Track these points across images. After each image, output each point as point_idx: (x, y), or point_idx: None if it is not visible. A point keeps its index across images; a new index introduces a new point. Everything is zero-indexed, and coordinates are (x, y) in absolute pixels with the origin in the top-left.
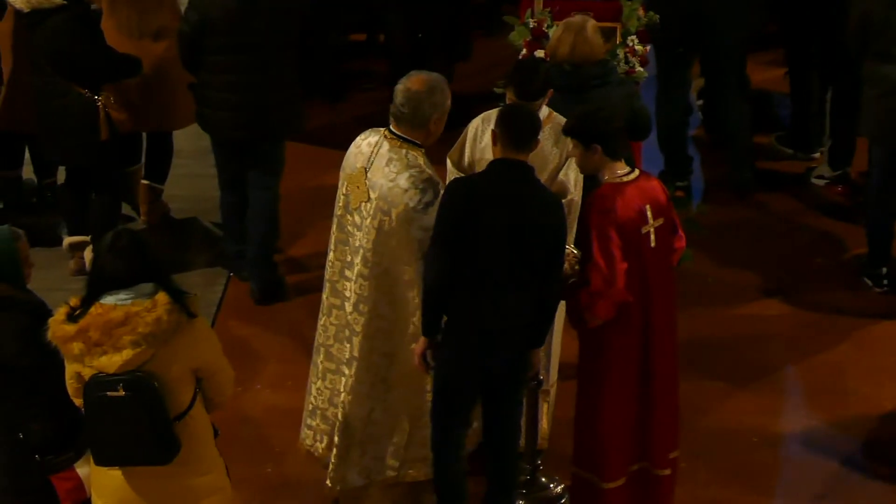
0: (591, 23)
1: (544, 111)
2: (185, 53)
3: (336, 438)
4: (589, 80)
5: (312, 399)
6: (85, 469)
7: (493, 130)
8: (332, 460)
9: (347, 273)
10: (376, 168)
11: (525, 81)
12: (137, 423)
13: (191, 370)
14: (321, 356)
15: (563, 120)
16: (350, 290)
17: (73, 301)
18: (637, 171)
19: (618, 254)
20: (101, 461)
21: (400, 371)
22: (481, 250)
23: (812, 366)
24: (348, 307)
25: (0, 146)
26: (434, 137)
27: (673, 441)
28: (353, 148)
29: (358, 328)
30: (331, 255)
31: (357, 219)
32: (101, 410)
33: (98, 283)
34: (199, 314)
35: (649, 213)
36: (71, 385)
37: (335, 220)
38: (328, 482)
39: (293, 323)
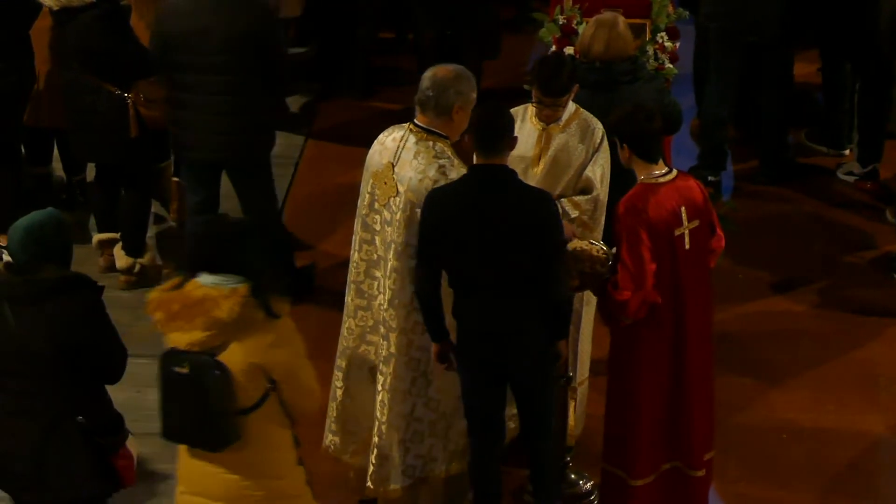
0: (622, 19)
1: (571, 107)
2: (155, 68)
3: (375, 439)
4: (619, 77)
5: (338, 404)
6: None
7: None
8: (373, 461)
9: (375, 272)
10: (404, 162)
11: (549, 78)
12: (197, 403)
13: (260, 369)
14: (347, 359)
15: (589, 116)
16: (377, 288)
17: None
18: (675, 172)
19: (647, 255)
20: (164, 434)
21: (437, 364)
22: (466, 258)
23: (842, 362)
24: (383, 304)
25: (29, 143)
26: (457, 131)
27: (708, 442)
28: (376, 145)
29: (394, 324)
30: (355, 256)
31: (387, 214)
32: (168, 384)
33: (193, 261)
34: (285, 317)
35: (684, 215)
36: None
37: (359, 219)
38: (369, 484)
39: (321, 320)
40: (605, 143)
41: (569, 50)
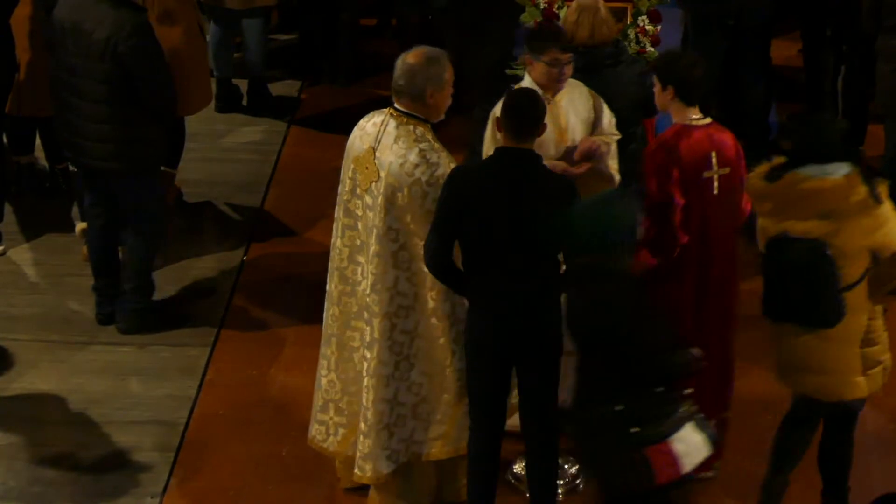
0: (603, 3)
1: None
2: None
3: (362, 425)
4: (602, 61)
5: (323, 393)
6: (680, 445)
7: (496, 118)
8: (359, 448)
9: (358, 257)
10: (384, 146)
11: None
12: (809, 284)
13: (868, 250)
14: (332, 347)
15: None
16: (361, 273)
17: (777, 160)
18: (709, 119)
19: (676, 191)
20: (765, 313)
21: (421, 347)
22: (486, 239)
23: None
24: (366, 289)
25: (12, 131)
26: (437, 112)
27: (722, 401)
28: (356, 131)
29: (377, 309)
30: (338, 242)
31: (368, 199)
32: (775, 268)
33: (802, 154)
34: (887, 200)
35: (714, 160)
36: (761, 237)
37: (340, 206)
38: (356, 471)
39: (307, 307)
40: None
41: None
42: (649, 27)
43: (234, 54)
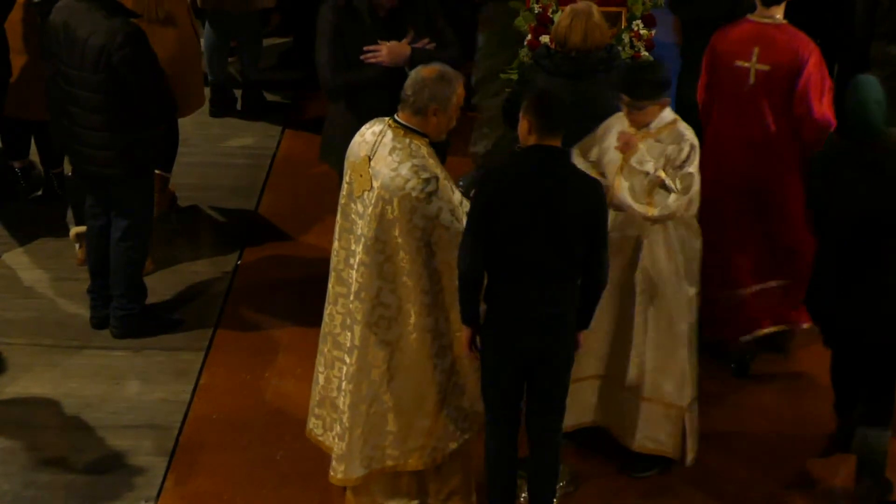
0: (596, 8)
1: (668, 116)
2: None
3: (337, 428)
4: (595, 66)
5: (321, 389)
6: None
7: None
8: (335, 449)
9: (351, 261)
10: (380, 157)
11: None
12: None
13: None
14: (328, 345)
15: (685, 128)
16: (353, 279)
17: None
18: (781, 24)
19: (705, 61)
20: None
21: (401, 359)
22: (515, 239)
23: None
24: (350, 296)
25: (7, 135)
26: (437, 132)
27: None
28: (357, 137)
29: (359, 316)
30: (335, 244)
31: (360, 207)
32: None
33: None
34: None
35: (756, 53)
36: None
37: (339, 208)
38: (330, 471)
39: (301, 311)
40: (695, 159)
41: (544, 39)
42: (643, 31)
43: (228, 58)
